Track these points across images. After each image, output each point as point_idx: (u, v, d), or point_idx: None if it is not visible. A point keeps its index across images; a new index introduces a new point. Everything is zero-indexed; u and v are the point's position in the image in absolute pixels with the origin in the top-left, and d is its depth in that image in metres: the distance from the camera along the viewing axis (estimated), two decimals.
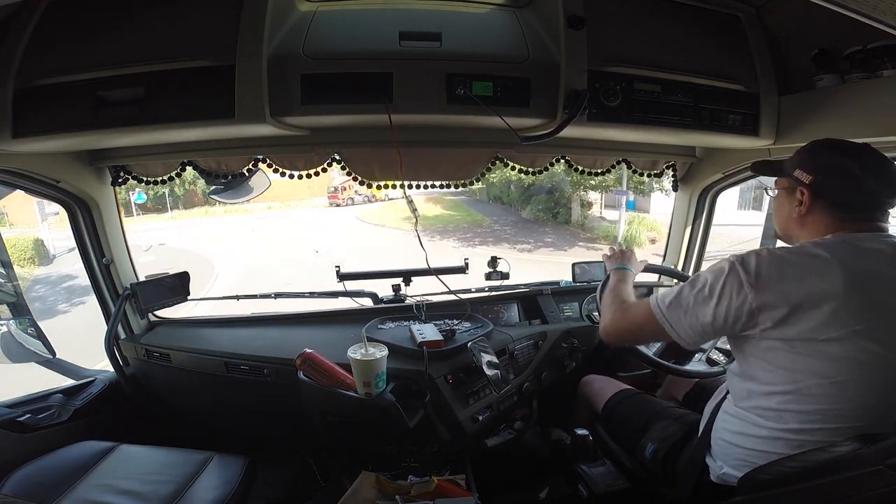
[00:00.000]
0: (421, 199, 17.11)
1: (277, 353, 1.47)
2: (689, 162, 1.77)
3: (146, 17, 1.12)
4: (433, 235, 12.92)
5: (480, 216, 16.20)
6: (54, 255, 10.38)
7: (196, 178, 1.58)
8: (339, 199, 18.35)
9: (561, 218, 13.70)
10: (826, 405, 0.81)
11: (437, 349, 1.36)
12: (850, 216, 0.88)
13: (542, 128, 1.24)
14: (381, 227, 14.20)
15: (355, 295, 1.78)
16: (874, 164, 0.88)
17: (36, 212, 10.62)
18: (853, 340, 0.78)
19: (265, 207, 17.90)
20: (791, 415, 0.84)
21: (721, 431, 0.98)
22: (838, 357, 0.79)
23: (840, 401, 0.80)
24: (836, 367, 0.80)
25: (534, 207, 14.40)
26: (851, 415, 0.81)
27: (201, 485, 1.23)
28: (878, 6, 0.66)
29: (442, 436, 1.36)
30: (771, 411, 0.86)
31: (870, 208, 0.88)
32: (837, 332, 0.78)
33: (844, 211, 0.88)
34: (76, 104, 1.11)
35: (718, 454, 0.97)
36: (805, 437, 0.82)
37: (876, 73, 1.07)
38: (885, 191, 0.87)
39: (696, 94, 1.25)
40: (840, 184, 0.88)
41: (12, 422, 1.36)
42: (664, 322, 0.93)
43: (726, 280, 0.85)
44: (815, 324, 0.79)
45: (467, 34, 1.22)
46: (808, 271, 0.81)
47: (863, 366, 0.79)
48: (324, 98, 1.16)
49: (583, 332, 1.67)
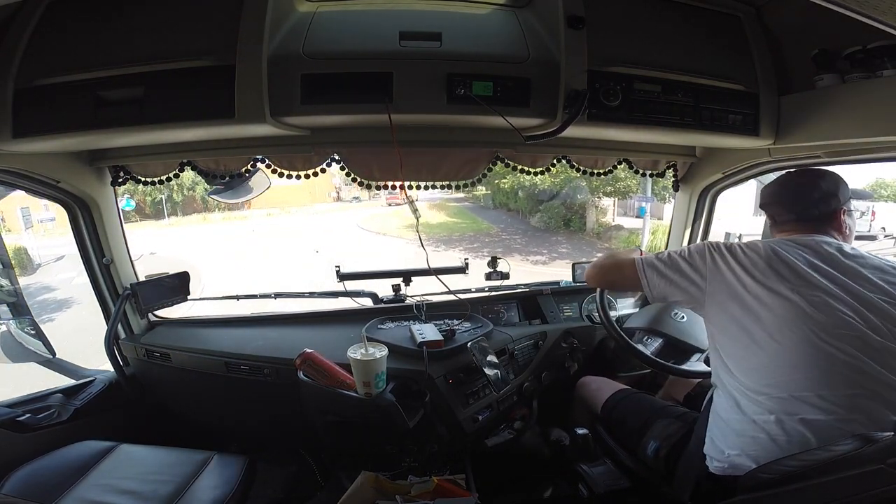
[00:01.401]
0: (424, 206, 16.49)
1: (277, 353, 1.47)
2: (690, 162, 1.77)
3: (146, 17, 1.11)
4: (438, 245, 12.22)
5: (487, 224, 15.55)
6: (39, 265, 9.99)
7: (195, 183, 1.59)
8: (399, 200, 18.13)
9: (574, 226, 13.00)
10: (767, 361, 0.93)
11: (437, 349, 1.36)
12: (783, 224, 1.14)
13: (542, 128, 1.24)
14: (382, 235, 13.71)
15: (355, 295, 1.78)
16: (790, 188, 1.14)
17: (19, 218, 10.18)
18: (779, 299, 0.94)
19: (265, 214, 17.67)
20: (749, 375, 0.95)
21: (714, 414, 1.03)
22: (770, 312, 0.94)
23: (778, 355, 0.92)
24: (769, 323, 0.94)
25: (544, 215, 13.65)
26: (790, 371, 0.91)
27: (201, 484, 1.23)
28: (878, 6, 0.66)
29: (442, 436, 1.36)
30: (731, 376, 0.99)
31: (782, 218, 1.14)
32: (766, 293, 0.95)
33: (779, 221, 1.16)
34: (76, 104, 1.10)
35: (717, 437, 1.00)
36: (766, 403, 0.92)
37: (876, 73, 1.07)
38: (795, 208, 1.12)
39: (696, 94, 1.25)
40: (772, 206, 1.17)
41: (12, 422, 1.36)
42: (641, 271, 1.11)
43: (696, 251, 1.07)
44: (758, 292, 0.96)
45: (467, 34, 1.22)
46: (750, 256, 1.02)
47: (789, 322, 0.92)
48: (324, 98, 1.16)
49: (583, 332, 1.67)
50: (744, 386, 0.96)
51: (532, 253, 11.70)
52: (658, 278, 1.08)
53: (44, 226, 12.57)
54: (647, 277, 1.10)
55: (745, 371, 0.96)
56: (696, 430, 1.10)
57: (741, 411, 0.96)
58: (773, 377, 0.92)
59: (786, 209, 1.13)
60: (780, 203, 1.15)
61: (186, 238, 13.56)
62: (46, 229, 12.29)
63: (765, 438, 0.91)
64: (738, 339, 0.97)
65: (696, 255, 1.06)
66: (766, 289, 0.95)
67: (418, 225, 1.45)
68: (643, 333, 1.49)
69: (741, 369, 0.97)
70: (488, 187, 15.94)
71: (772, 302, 0.94)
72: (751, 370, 0.95)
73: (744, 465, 0.91)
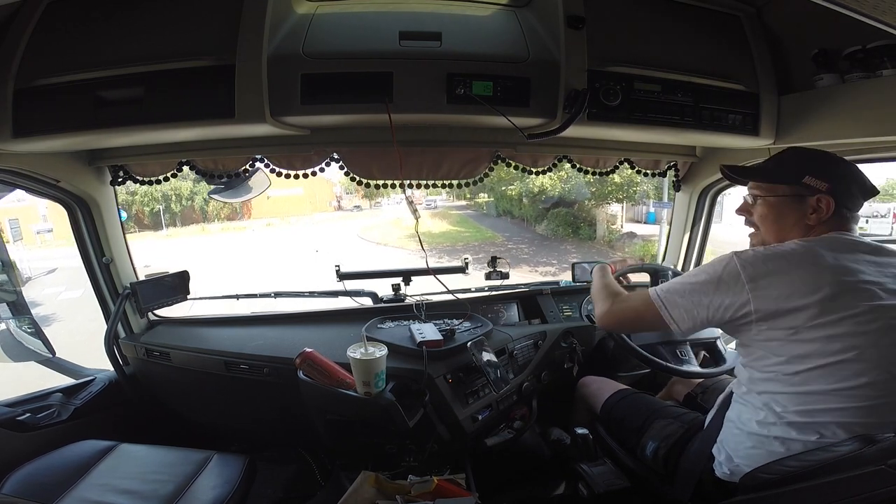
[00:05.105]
0: (426, 215, 16.20)
1: (277, 353, 1.47)
2: (690, 162, 1.77)
3: (146, 16, 1.12)
4: (441, 255, 11.46)
5: (491, 233, 14.93)
6: (29, 278, 9.47)
7: (194, 193, 1.59)
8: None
9: (583, 233, 12.25)
10: (820, 385, 0.84)
11: (436, 349, 1.36)
12: (847, 218, 0.95)
13: (542, 127, 1.24)
14: (383, 246, 13.32)
15: (355, 294, 1.78)
16: (857, 172, 0.96)
17: (7, 230, 9.50)
18: (846, 323, 0.83)
19: (264, 224, 17.60)
20: (789, 397, 0.87)
21: (730, 421, 0.99)
22: (833, 338, 0.83)
23: (839, 380, 0.83)
24: (832, 348, 0.83)
25: (550, 222, 13.03)
26: (852, 395, 0.82)
27: (201, 484, 1.23)
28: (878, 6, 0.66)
29: (442, 435, 1.36)
30: (768, 395, 0.90)
31: (856, 209, 0.96)
32: (830, 317, 0.83)
33: (847, 215, 0.95)
34: (76, 104, 1.11)
35: (729, 445, 0.98)
36: (808, 420, 0.85)
37: (876, 72, 1.07)
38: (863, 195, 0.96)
39: (696, 94, 1.25)
40: (852, 190, 0.94)
41: (12, 421, 1.36)
42: (661, 307, 0.96)
43: (724, 274, 0.90)
44: (810, 314, 0.84)
45: (467, 34, 1.22)
46: (804, 269, 0.86)
47: (857, 346, 0.82)
48: (324, 98, 1.16)
49: (582, 332, 1.66)
50: (785, 403, 0.88)
51: (541, 263, 11.10)
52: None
53: (41, 237, 12.42)
54: (667, 306, 0.96)
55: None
56: (703, 431, 1.08)
57: (767, 426, 0.90)
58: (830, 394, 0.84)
59: (861, 197, 0.95)
60: (857, 188, 0.95)
61: (183, 250, 13.24)
62: (44, 240, 12.12)
63: (783, 451, 0.87)
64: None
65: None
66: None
67: (418, 226, 1.45)
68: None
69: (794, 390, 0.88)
70: (491, 195, 15.64)
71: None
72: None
73: (748, 470, 0.90)
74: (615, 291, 1.17)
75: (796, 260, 0.88)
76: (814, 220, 0.94)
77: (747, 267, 0.89)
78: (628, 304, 1.09)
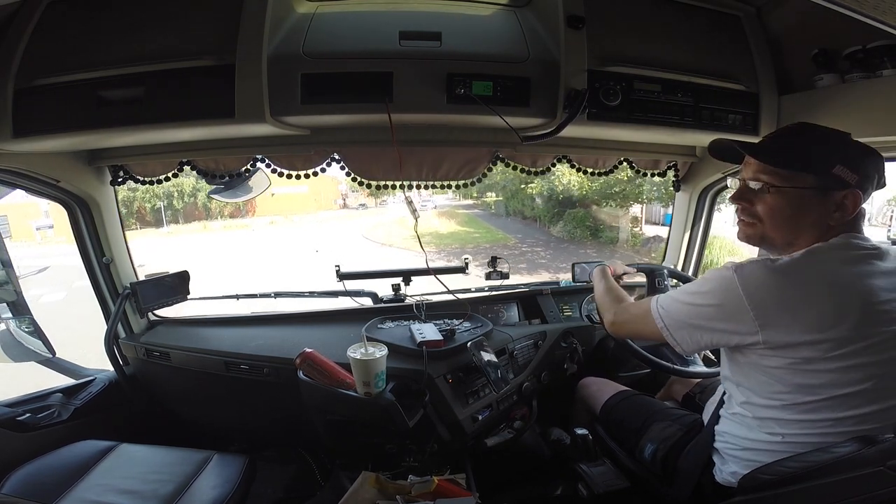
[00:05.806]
0: (433, 214, 15.87)
1: (277, 353, 1.47)
2: (690, 161, 1.77)
3: (146, 16, 1.12)
4: (450, 258, 10.39)
5: (503, 234, 14.01)
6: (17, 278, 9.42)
7: (196, 190, 1.59)
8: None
9: (603, 236, 11.25)
10: (830, 414, 0.80)
11: (436, 349, 1.36)
12: (861, 216, 0.85)
13: (542, 127, 1.24)
14: (388, 246, 12.67)
15: (355, 294, 1.78)
16: (883, 163, 0.86)
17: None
18: (865, 353, 0.77)
19: (267, 222, 17.40)
20: (794, 423, 0.83)
21: (723, 434, 0.98)
22: (851, 369, 0.77)
23: (851, 408, 0.78)
24: (849, 378, 0.77)
25: (567, 224, 11.90)
26: (862, 420, 0.78)
27: (201, 484, 1.23)
28: (879, 6, 0.66)
29: (442, 435, 1.36)
30: (770, 420, 0.86)
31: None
32: (849, 348, 0.76)
33: (862, 212, 0.84)
34: (76, 103, 1.11)
35: (725, 452, 0.97)
36: (813, 441, 0.81)
37: (876, 72, 1.07)
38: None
39: (696, 94, 1.25)
40: (873, 185, 0.83)
41: (12, 421, 1.36)
42: (664, 329, 0.92)
43: (726, 300, 0.81)
44: (827, 347, 0.77)
45: (467, 34, 1.22)
46: (820, 297, 0.77)
47: (875, 375, 0.77)
48: (324, 97, 1.16)
49: (582, 332, 1.66)
50: (783, 425, 0.84)
51: (561, 269, 9.79)
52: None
53: (42, 233, 12.34)
54: (669, 329, 0.91)
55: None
56: (699, 436, 1.08)
57: (764, 435, 0.87)
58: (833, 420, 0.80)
59: (872, 190, 0.84)
60: (877, 181, 0.83)
61: (183, 248, 12.93)
62: (45, 236, 12.04)
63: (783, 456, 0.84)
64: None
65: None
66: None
67: (417, 226, 1.45)
68: None
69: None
70: (501, 193, 14.93)
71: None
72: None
73: (747, 472, 0.89)
74: (619, 297, 1.18)
75: (812, 285, 0.77)
76: (836, 220, 0.81)
77: (752, 293, 0.78)
78: (634, 317, 1.06)
